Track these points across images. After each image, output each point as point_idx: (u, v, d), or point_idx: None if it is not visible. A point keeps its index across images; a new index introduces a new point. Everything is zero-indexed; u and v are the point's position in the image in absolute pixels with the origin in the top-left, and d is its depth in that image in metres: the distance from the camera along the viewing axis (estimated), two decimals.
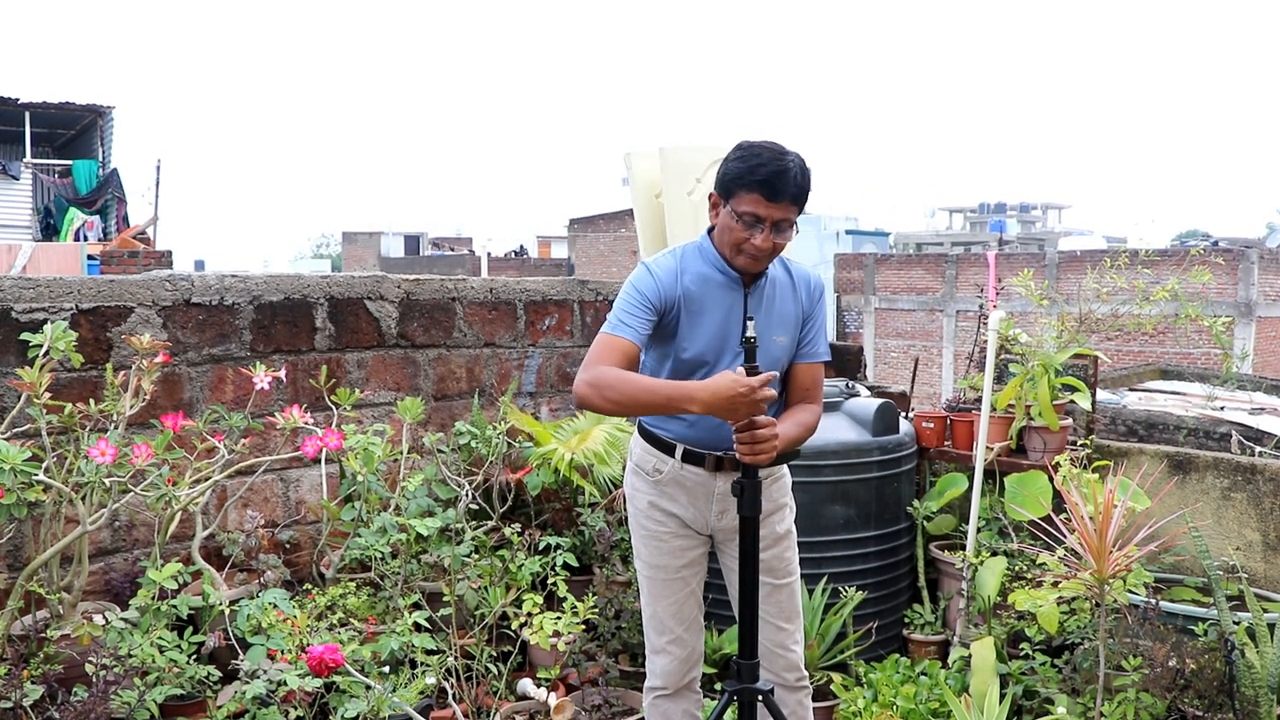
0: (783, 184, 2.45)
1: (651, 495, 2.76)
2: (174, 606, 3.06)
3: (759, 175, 2.44)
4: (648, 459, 2.75)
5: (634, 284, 2.59)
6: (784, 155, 2.47)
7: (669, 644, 2.80)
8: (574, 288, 4.89)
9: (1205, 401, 9.85)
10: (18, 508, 2.78)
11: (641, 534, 2.80)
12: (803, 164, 2.51)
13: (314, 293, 4.01)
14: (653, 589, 2.80)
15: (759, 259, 2.54)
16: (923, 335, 26.39)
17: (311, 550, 3.92)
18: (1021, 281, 4.98)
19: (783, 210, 2.48)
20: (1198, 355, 19.07)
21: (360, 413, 3.99)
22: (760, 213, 2.47)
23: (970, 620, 4.02)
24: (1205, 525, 3.96)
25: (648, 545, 2.79)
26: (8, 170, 18.94)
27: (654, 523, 2.76)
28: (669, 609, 2.78)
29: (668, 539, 2.75)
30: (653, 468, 2.74)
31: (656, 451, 2.73)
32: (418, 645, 3.21)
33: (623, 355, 2.49)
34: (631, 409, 2.52)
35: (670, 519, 2.74)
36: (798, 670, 2.85)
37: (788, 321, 2.68)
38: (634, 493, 2.82)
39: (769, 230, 2.49)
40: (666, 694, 2.83)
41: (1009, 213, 68.30)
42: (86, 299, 3.44)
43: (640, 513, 2.79)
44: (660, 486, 2.74)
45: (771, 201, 2.46)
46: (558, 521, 4.40)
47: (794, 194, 2.47)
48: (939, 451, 4.63)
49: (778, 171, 2.45)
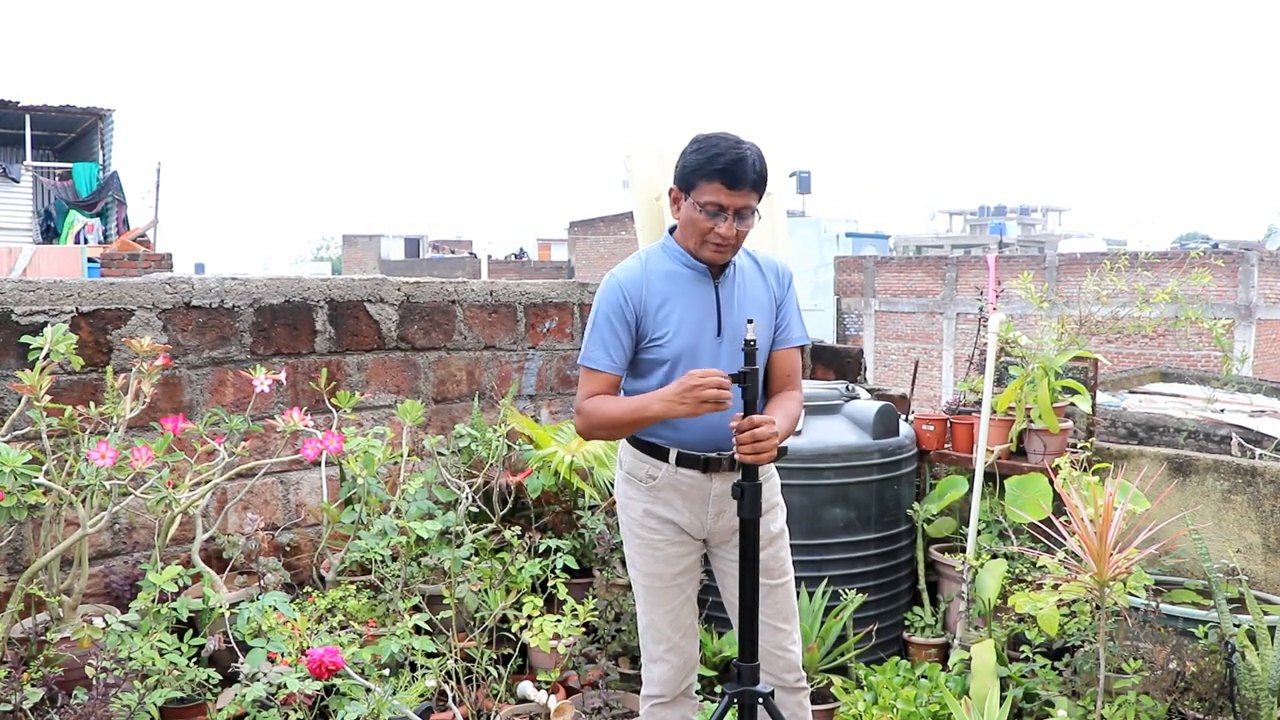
0: (742, 171, 2.51)
1: (645, 502, 2.74)
2: (174, 609, 3.06)
3: (718, 164, 2.50)
4: (640, 466, 2.73)
5: (602, 307, 2.64)
6: (740, 144, 2.54)
7: (666, 652, 2.79)
8: (574, 290, 4.89)
9: (1205, 404, 9.85)
10: (18, 510, 2.78)
11: (636, 543, 2.78)
12: (759, 152, 2.57)
13: (314, 295, 4.01)
14: (649, 597, 2.79)
15: (724, 248, 2.58)
16: (923, 338, 26.40)
17: (311, 553, 3.92)
18: (1021, 284, 4.99)
19: (744, 197, 2.53)
20: (1198, 358, 19.06)
21: (360, 415, 3.99)
22: (723, 201, 2.52)
23: (970, 623, 4.02)
24: (1205, 528, 3.96)
25: (642, 554, 2.77)
26: (8, 173, 18.96)
27: (648, 530, 2.74)
28: (666, 617, 2.77)
29: (663, 546, 2.73)
30: (646, 474, 2.72)
31: (648, 458, 2.71)
32: (418, 648, 3.21)
33: (605, 385, 2.62)
34: (620, 432, 2.67)
35: (666, 525, 2.73)
36: (796, 671, 2.84)
37: (760, 308, 2.70)
38: (627, 501, 2.79)
39: (732, 218, 2.54)
40: (664, 702, 2.82)
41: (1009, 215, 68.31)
42: (87, 302, 3.45)
43: (634, 521, 2.77)
44: (654, 492, 2.72)
45: (732, 190, 2.51)
46: (558, 524, 4.40)
47: (754, 181, 2.53)
48: (939, 454, 4.63)
49: (736, 160, 2.51)
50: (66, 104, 19.35)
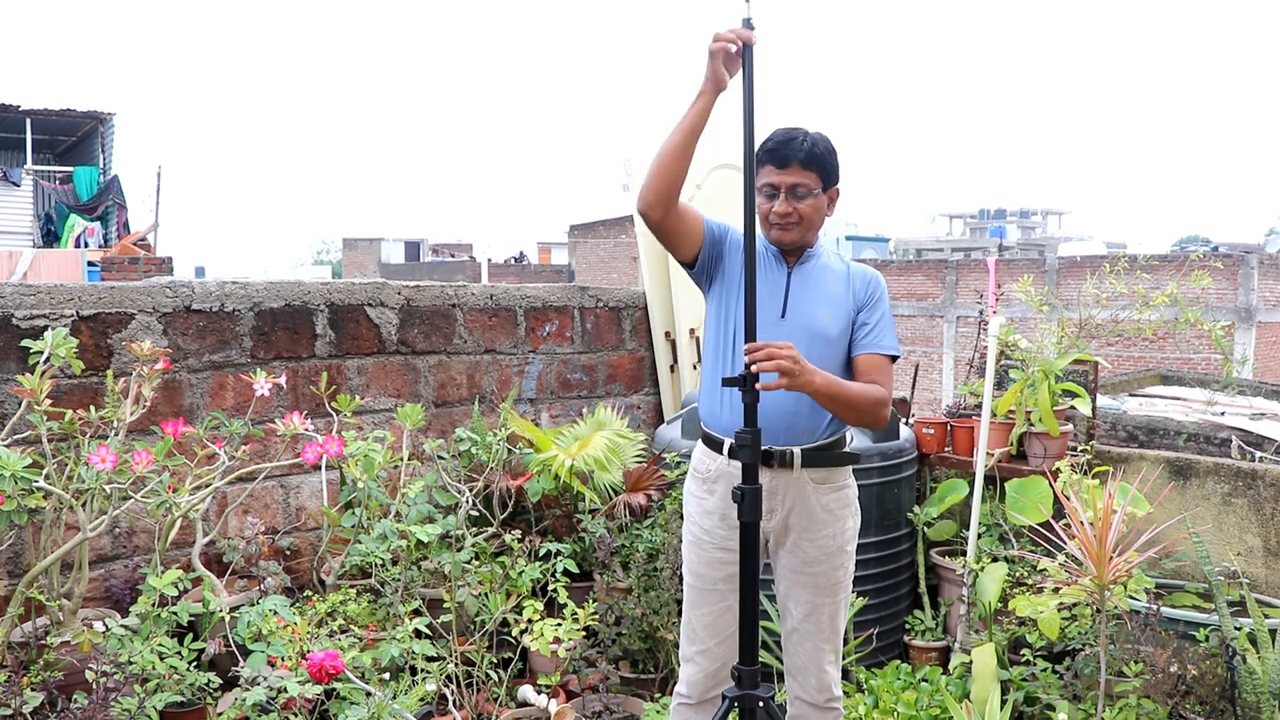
0: (788, 150, 2.62)
1: (702, 495, 2.77)
2: (174, 613, 3.06)
3: (767, 147, 2.64)
4: (703, 460, 2.78)
5: None
6: (793, 129, 2.66)
7: (698, 654, 2.78)
8: (574, 294, 4.90)
9: (1205, 407, 9.83)
10: (18, 514, 2.78)
11: (689, 539, 2.81)
12: (816, 135, 2.66)
13: (314, 299, 4.01)
14: (690, 596, 2.80)
15: (785, 227, 2.66)
16: (923, 341, 26.39)
17: (312, 557, 3.91)
18: (1021, 287, 4.99)
19: (794, 175, 2.62)
20: (1198, 360, 19.05)
21: (361, 419, 3.99)
22: (774, 181, 2.63)
23: (971, 626, 4.02)
24: (1206, 530, 3.96)
25: (690, 551, 2.80)
26: (8, 177, 18.98)
27: (700, 530, 2.76)
28: (702, 619, 2.77)
29: (709, 548, 2.74)
30: (705, 467, 2.76)
31: (709, 450, 2.76)
32: (418, 652, 3.21)
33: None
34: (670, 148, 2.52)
35: (718, 524, 2.71)
36: (829, 691, 2.80)
37: (834, 301, 2.70)
38: (688, 497, 2.84)
39: (785, 195, 2.62)
40: (690, 703, 2.81)
41: (1009, 218, 68.40)
42: (87, 306, 3.45)
43: (690, 517, 2.81)
44: (710, 484, 2.74)
45: (781, 168, 2.62)
46: (558, 528, 4.40)
47: (802, 159, 2.61)
48: (939, 457, 4.63)
49: (783, 140, 2.63)
50: (67, 108, 19.38)
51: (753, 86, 2.43)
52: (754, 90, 2.43)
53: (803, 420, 2.65)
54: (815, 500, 2.68)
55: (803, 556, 2.71)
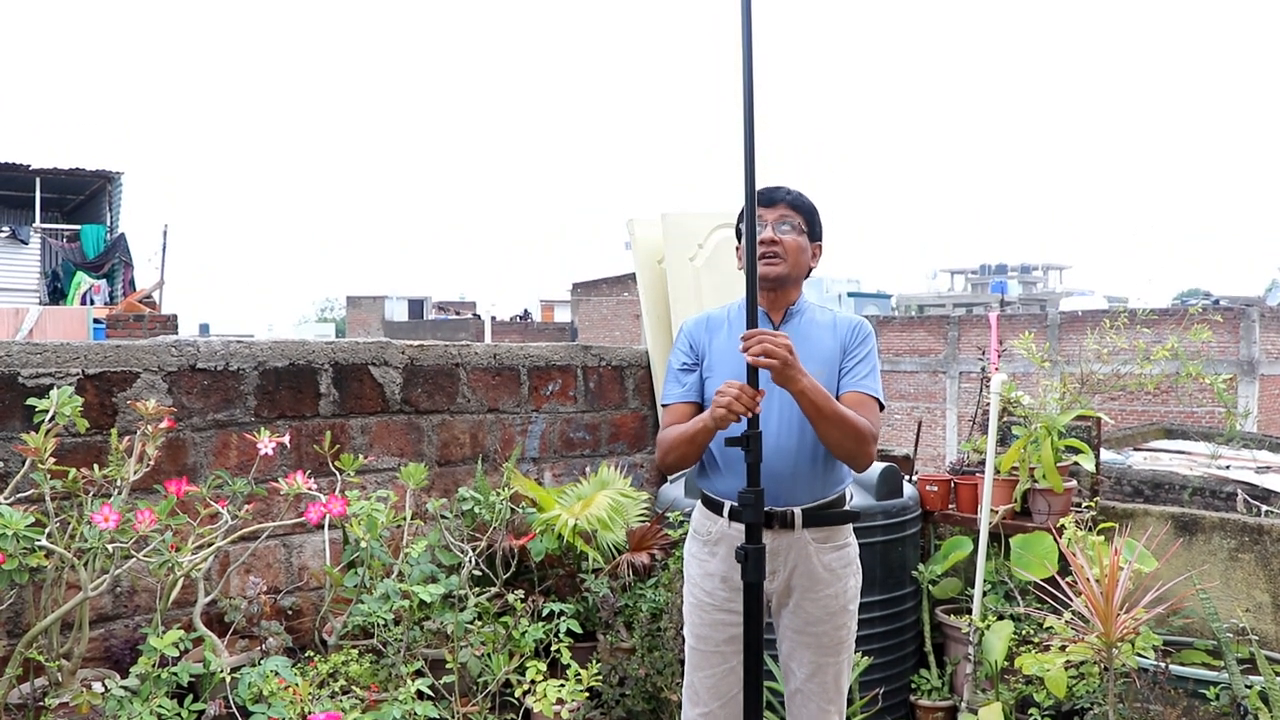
0: (775, 193, 2.74)
1: (703, 557, 2.76)
2: (175, 674, 3.04)
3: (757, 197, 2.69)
4: (703, 522, 2.78)
5: (673, 346, 2.86)
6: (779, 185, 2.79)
7: (700, 716, 2.76)
8: (577, 353, 4.92)
9: (1210, 460, 9.80)
10: (19, 573, 2.78)
11: (691, 602, 2.80)
12: (799, 191, 2.79)
13: (318, 359, 4.03)
14: (693, 658, 2.79)
15: (770, 259, 2.68)
16: (926, 397, 26.39)
17: (314, 616, 3.89)
18: (1023, 343, 5.01)
19: (777, 210, 2.73)
20: (1201, 414, 19.03)
21: (364, 478, 3.99)
22: (761, 215, 2.71)
23: (978, 685, 3.97)
24: (1213, 587, 3.93)
25: (692, 614, 2.79)
26: (17, 235, 19.16)
27: (703, 592, 2.76)
28: (705, 681, 2.75)
29: (711, 610, 2.73)
30: (706, 529, 2.76)
31: (709, 513, 2.76)
32: (420, 713, 3.18)
33: (676, 416, 2.72)
34: (681, 449, 2.64)
35: (720, 586, 2.71)
36: None
37: (823, 357, 2.70)
38: (689, 559, 2.84)
39: (770, 227, 2.70)
40: None
41: (1010, 274, 68.72)
42: (93, 364, 3.47)
43: (692, 579, 2.81)
44: (711, 547, 2.74)
45: (767, 207, 2.72)
46: (561, 588, 4.37)
47: (789, 200, 2.75)
48: (943, 515, 4.62)
49: (771, 187, 2.75)
50: (76, 167, 19.64)
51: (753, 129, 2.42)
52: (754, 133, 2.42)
53: (802, 481, 2.66)
54: (817, 560, 2.67)
55: (805, 616, 2.70)
